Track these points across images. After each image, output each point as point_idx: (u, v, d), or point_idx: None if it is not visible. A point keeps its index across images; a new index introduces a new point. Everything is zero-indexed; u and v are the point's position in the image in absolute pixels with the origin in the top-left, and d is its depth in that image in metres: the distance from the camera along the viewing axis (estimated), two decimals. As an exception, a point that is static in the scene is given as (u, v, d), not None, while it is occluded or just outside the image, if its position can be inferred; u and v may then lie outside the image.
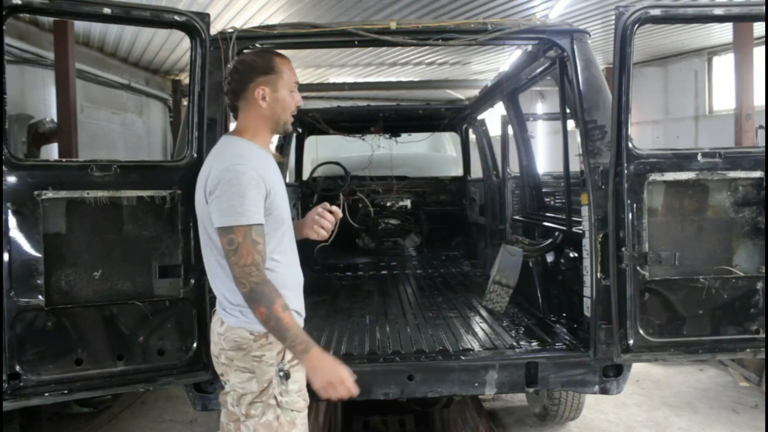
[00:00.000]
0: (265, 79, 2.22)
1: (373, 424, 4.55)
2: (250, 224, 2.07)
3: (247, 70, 2.24)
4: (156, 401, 5.12)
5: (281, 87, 2.25)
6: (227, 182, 2.07)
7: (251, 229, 2.07)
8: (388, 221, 6.85)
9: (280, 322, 2.07)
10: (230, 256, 2.07)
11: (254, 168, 2.11)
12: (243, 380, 2.18)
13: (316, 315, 4.12)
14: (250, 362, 2.17)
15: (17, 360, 2.51)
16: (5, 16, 2.45)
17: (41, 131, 6.74)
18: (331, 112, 6.21)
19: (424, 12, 7.56)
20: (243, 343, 2.18)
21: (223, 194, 2.07)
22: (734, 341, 2.90)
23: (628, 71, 2.73)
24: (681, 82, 10.83)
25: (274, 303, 2.06)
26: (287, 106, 2.28)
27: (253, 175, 2.09)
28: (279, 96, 2.24)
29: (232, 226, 2.06)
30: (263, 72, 2.23)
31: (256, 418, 2.16)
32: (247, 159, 2.13)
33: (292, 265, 2.32)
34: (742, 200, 2.91)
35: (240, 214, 2.05)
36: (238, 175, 2.07)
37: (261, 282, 2.07)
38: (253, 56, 2.32)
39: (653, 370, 5.64)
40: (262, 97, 2.22)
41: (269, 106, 2.24)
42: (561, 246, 3.84)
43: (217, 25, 4.48)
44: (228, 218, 2.06)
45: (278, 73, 2.24)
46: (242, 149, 2.19)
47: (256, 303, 2.07)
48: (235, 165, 2.09)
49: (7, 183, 2.49)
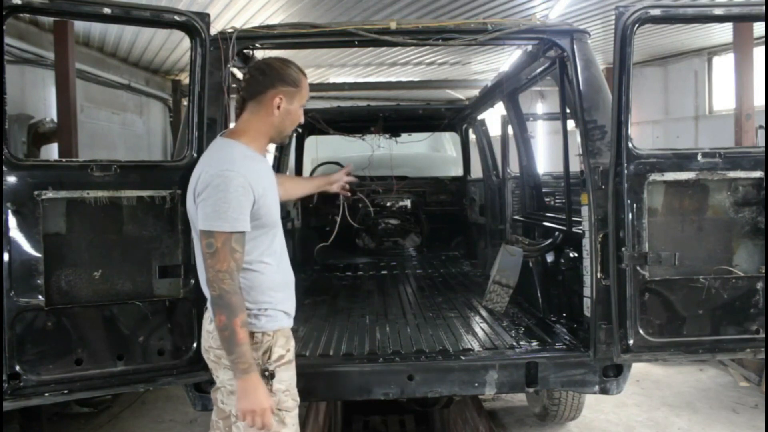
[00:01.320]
0: (286, 90, 2.26)
1: (373, 424, 4.55)
2: (232, 231, 2.09)
3: (274, 75, 2.26)
4: (156, 401, 5.12)
5: (296, 102, 2.30)
6: (215, 187, 2.09)
7: (231, 237, 2.10)
8: (388, 221, 6.84)
9: (235, 336, 2.09)
10: (207, 259, 2.11)
11: (244, 174, 2.13)
12: (231, 377, 2.21)
13: (316, 315, 4.12)
14: None
15: (17, 360, 2.51)
16: (5, 16, 2.45)
17: (41, 131, 6.74)
18: (331, 112, 6.20)
19: (424, 12, 7.56)
20: None
21: (209, 198, 2.10)
22: (734, 341, 2.90)
23: (628, 71, 2.73)
24: (681, 82, 10.83)
25: (236, 316, 2.09)
26: (295, 121, 2.33)
27: (241, 182, 2.11)
28: (292, 109, 2.29)
29: (214, 231, 2.09)
30: (288, 83, 2.26)
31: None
32: (238, 165, 2.14)
33: (282, 266, 2.34)
34: (742, 200, 2.90)
35: (223, 220, 2.08)
36: (226, 181, 2.09)
37: (231, 291, 2.10)
38: (281, 64, 2.32)
39: (653, 370, 5.64)
40: (277, 105, 2.25)
41: (280, 116, 2.27)
42: (561, 246, 3.83)
43: (217, 25, 4.49)
44: (211, 222, 2.09)
45: (299, 88, 2.29)
46: (235, 154, 2.19)
47: (220, 309, 2.10)
48: (224, 171, 2.11)
49: (7, 183, 2.49)
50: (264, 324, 2.24)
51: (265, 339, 2.24)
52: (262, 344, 2.22)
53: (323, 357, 3.18)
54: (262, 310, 2.24)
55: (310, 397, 3.06)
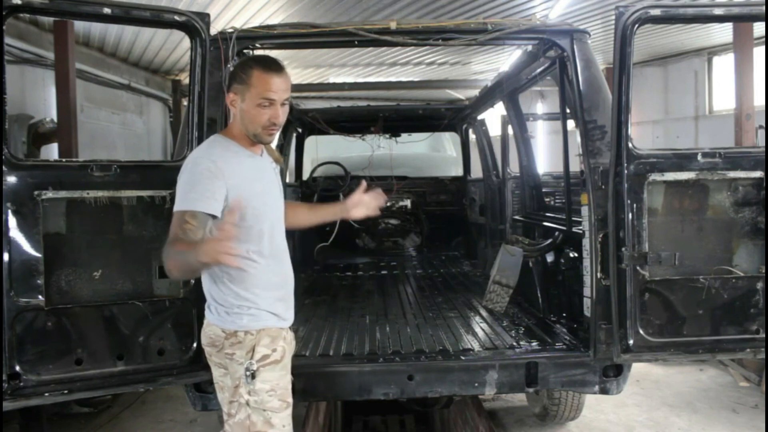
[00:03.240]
0: (237, 88, 2.26)
1: (373, 424, 4.55)
2: (185, 210, 2.08)
3: (230, 76, 2.34)
4: (156, 401, 5.11)
5: (248, 99, 2.23)
6: (183, 172, 2.17)
7: (185, 213, 2.08)
8: (388, 221, 6.84)
9: (176, 257, 2.00)
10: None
11: (213, 160, 2.15)
12: (220, 375, 2.29)
13: (316, 315, 4.12)
14: (223, 359, 2.26)
15: (17, 360, 2.51)
16: (5, 16, 2.46)
17: (41, 131, 6.74)
18: (331, 112, 6.21)
19: (424, 12, 7.56)
20: (216, 340, 2.25)
21: (179, 181, 2.17)
22: (734, 341, 2.91)
23: (628, 71, 2.73)
24: (681, 82, 10.83)
25: (167, 252, 2.03)
26: (254, 119, 2.24)
27: (208, 165, 2.14)
28: (245, 107, 2.24)
29: (175, 210, 2.12)
30: (238, 81, 2.26)
31: (233, 417, 2.23)
32: (211, 153, 2.20)
33: (273, 268, 2.32)
34: (742, 200, 2.91)
35: (183, 201, 2.11)
36: (194, 166, 2.16)
37: (165, 254, 2.04)
38: (240, 62, 2.40)
39: (653, 370, 5.64)
40: (231, 103, 2.29)
41: (239, 115, 2.28)
42: (561, 246, 3.83)
43: (217, 25, 4.49)
44: (175, 205, 2.13)
45: (248, 85, 2.22)
46: (214, 144, 2.26)
47: (164, 265, 2.07)
48: (195, 157, 2.20)
49: (7, 183, 2.50)
50: (247, 323, 2.24)
51: (248, 338, 2.23)
52: (245, 343, 2.22)
53: (323, 357, 3.17)
54: (244, 308, 2.23)
55: (310, 397, 3.06)
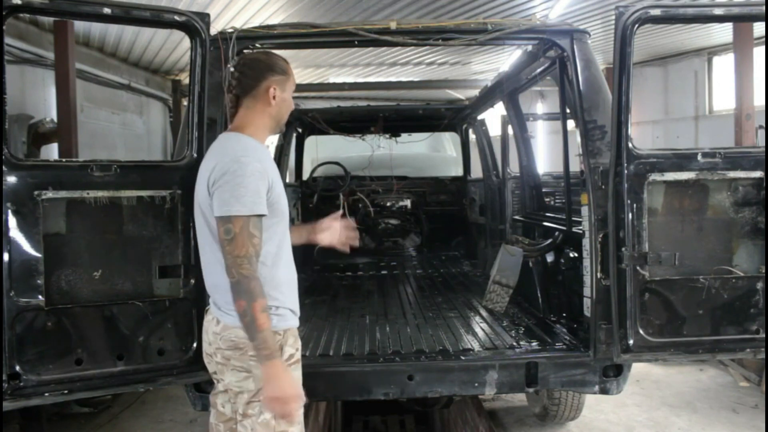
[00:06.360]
0: (277, 79, 2.31)
1: (373, 424, 4.55)
2: (249, 215, 2.10)
3: (263, 68, 2.31)
4: (156, 401, 5.11)
5: (288, 89, 2.35)
6: (232, 173, 2.11)
7: (249, 221, 2.10)
8: (388, 221, 6.84)
9: (255, 322, 2.07)
10: (225, 246, 2.10)
11: (259, 160, 2.17)
12: (239, 379, 2.20)
13: (316, 315, 4.12)
14: (246, 361, 2.19)
15: (17, 360, 2.51)
16: (5, 16, 2.46)
17: (41, 131, 6.74)
18: (331, 112, 6.20)
19: (424, 12, 7.56)
20: (239, 343, 2.19)
21: (226, 184, 2.11)
22: (734, 341, 2.91)
23: (628, 71, 2.73)
24: (681, 82, 10.83)
25: (255, 301, 2.07)
26: (290, 107, 2.38)
27: (257, 167, 2.14)
28: (286, 96, 2.34)
29: (231, 216, 2.09)
30: (278, 72, 2.31)
31: (254, 417, 2.18)
32: (251, 152, 2.18)
33: (290, 266, 2.35)
34: (742, 200, 2.91)
35: (241, 204, 2.09)
36: (243, 167, 2.12)
37: (249, 276, 2.08)
38: (266, 56, 2.40)
39: (653, 370, 5.64)
40: (273, 95, 2.29)
41: (277, 105, 2.32)
42: (561, 246, 3.84)
43: (217, 25, 4.49)
44: (228, 207, 2.09)
45: (288, 75, 2.35)
46: (247, 144, 2.24)
47: (239, 295, 2.09)
48: (240, 157, 2.14)
49: (7, 183, 2.49)
50: (276, 323, 2.22)
51: (276, 338, 2.22)
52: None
53: (323, 357, 3.18)
54: (273, 308, 2.22)
55: (310, 397, 3.05)
